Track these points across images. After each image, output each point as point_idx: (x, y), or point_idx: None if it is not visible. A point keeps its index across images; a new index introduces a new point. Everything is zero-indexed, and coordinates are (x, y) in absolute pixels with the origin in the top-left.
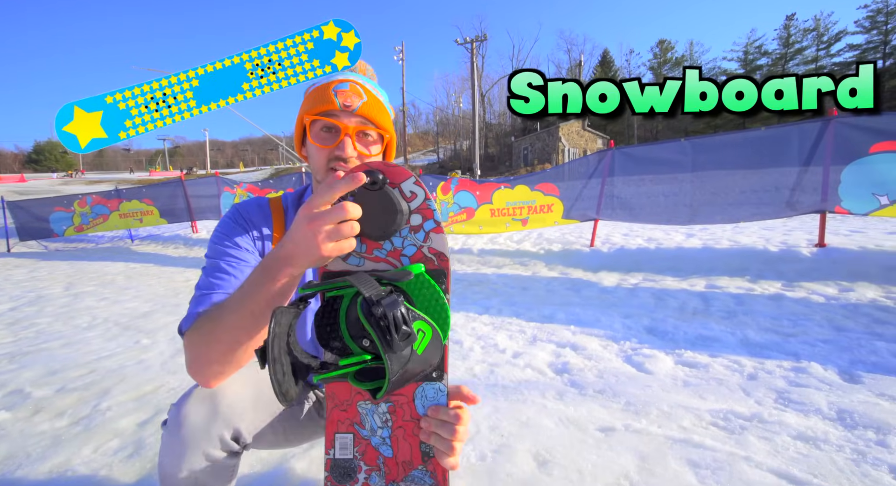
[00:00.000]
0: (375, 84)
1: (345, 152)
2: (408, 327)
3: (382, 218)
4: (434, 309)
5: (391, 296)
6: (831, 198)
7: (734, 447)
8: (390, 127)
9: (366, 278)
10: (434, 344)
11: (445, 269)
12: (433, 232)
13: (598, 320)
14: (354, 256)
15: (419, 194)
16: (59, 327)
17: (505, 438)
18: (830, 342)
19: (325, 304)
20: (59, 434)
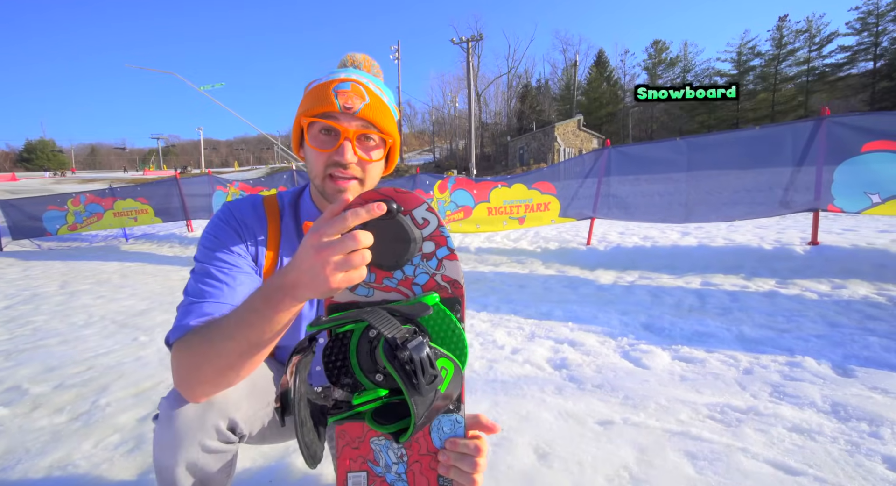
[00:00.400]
0: (380, 83)
1: (344, 157)
2: (434, 368)
3: (394, 247)
4: (451, 340)
5: (416, 338)
6: (824, 196)
7: (731, 439)
8: (394, 130)
9: (383, 316)
10: (456, 379)
11: (460, 297)
12: (447, 259)
13: (595, 317)
14: (363, 286)
15: (432, 221)
16: (55, 324)
17: (505, 431)
18: (824, 337)
19: (334, 339)
20: (58, 430)
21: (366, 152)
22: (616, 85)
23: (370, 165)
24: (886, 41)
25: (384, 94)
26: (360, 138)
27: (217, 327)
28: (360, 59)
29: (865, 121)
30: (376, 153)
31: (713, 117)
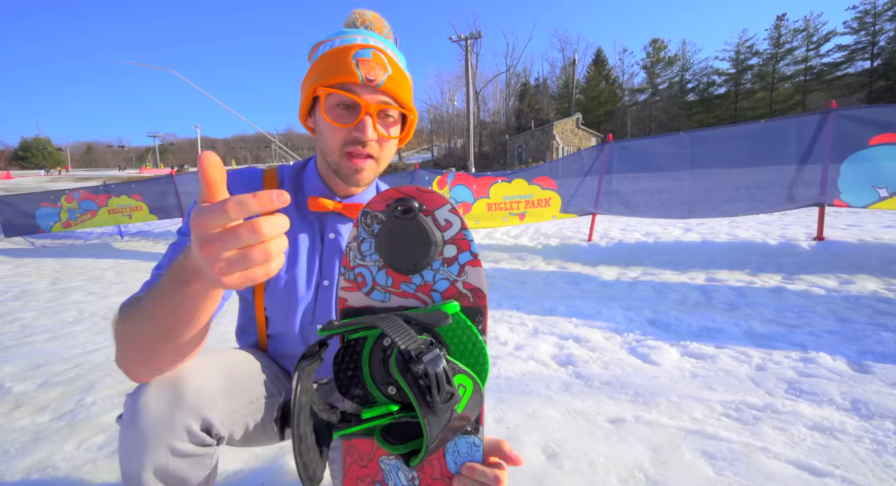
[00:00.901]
0: (394, 47)
1: (364, 134)
2: (450, 385)
3: (413, 249)
4: (471, 354)
5: (432, 350)
6: (830, 191)
7: (749, 437)
8: (411, 102)
9: (398, 325)
10: (475, 399)
11: (482, 307)
12: (469, 265)
13: (599, 313)
14: (379, 290)
15: (455, 223)
16: (44, 321)
17: (511, 430)
18: (836, 333)
19: (346, 346)
20: (40, 430)
21: (385, 129)
22: (614, 84)
23: (388, 142)
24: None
25: (401, 61)
26: (380, 114)
27: (137, 306)
28: (370, 18)
29: (873, 113)
30: (395, 130)
31: (711, 116)
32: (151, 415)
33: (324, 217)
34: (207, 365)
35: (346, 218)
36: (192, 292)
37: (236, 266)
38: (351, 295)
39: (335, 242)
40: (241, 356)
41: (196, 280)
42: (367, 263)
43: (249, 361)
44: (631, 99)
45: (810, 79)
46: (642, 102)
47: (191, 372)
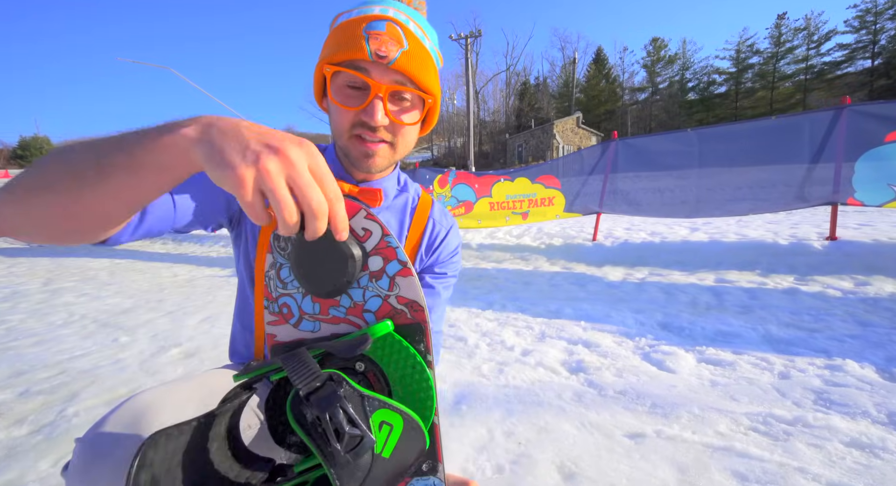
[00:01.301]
0: (422, 20)
1: (373, 119)
2: (357, 427)
3: (330, 268)
4: (411, 379)
5: (327, 387)
6: (844, 189)
7: (783, 456)
8: (435, 85)
9: (299, 360)
10: (410, 436)
11: (422, 322)
12: (400, 276)
13: (608, 316)
14: (308, 319)
15: (374, 230)
16: (31, 324)
17: (523, 446)
18: (859, 338)
19: (275, 389)
20: (15, 445)
21: (399, 113)
22: (615, 83)
23: (403, 128)
24: (884, 39)
25: (426, 36)
26: (394, 96)
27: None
28: None
29: (889, 109)
30: (411, 115)
31: (711, 115)
32: (106, 468)
33: None
34: (179, 399)
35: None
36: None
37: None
38: (279, 329)
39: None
40: (223, 381)
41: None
42: (289, 290)
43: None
44: (631, 98)
45: (811, 78)
46: (643, 101)
47: (156, 411)
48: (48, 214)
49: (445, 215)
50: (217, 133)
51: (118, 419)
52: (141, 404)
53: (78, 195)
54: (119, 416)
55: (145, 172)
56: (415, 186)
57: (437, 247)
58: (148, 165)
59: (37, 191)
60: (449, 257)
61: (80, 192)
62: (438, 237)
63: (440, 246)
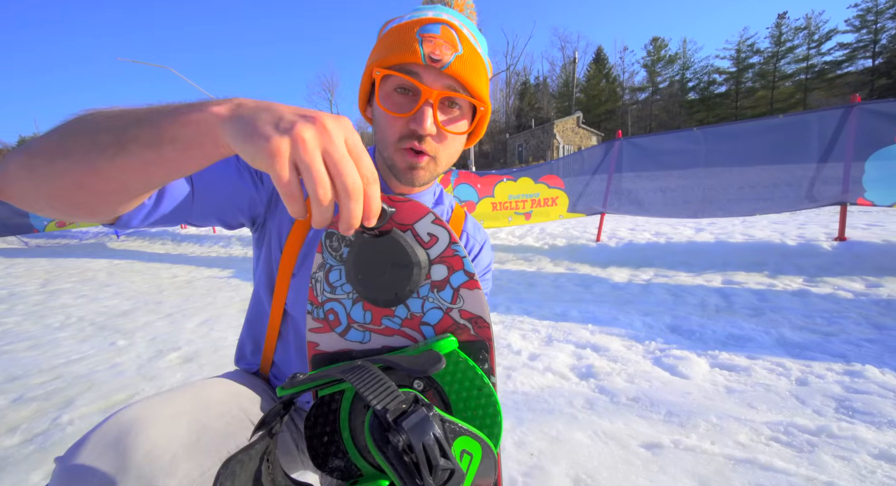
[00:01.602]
0: (474, 28)
1: (422, 127)
2: (449, 459)
3: (392, 275)
4: (478, 404)
5: (417, 411)
6: (853, 189)
7: (809, 469)
8: (486, 94)
9: (371, 374)
10: (486, 465)
11: (486, 340)
12: (465, 288)
13: (615, 319)
14: (357, 329)
15: (441, 237)
16: (28, 326)
17: (536, 457)
18: (876, 342)
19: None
20: (6, 455)
21: (448, 122)
22: (615, 82)
23: (449, 138)
24: (885, 39)
25: (478, 43)
26: (444, 102)
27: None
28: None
29: None
30: (460, 125)
31: (712, 115)
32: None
33: None
34: (170, 413)
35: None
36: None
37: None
38: (322, 337)
39: None
40: (219, 392)
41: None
42: (338, 295)
43: (232, 396)
44: (631, 98)
45: (811, 77)
46: (643, 101)
47: (144, 427)
48: (61, 182)
49: (479, 230)
50: (248, 109)
51: (100, 438)
52: (126, 420)
53: (95, 166)
54: (101, 434)
55: (168, 148)
56: (449, 198)
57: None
58: (172, 140)
59: (52, 156)
60: (482, 274)
61: (97, 162)
62: (472, 252)
63: (474, 262)
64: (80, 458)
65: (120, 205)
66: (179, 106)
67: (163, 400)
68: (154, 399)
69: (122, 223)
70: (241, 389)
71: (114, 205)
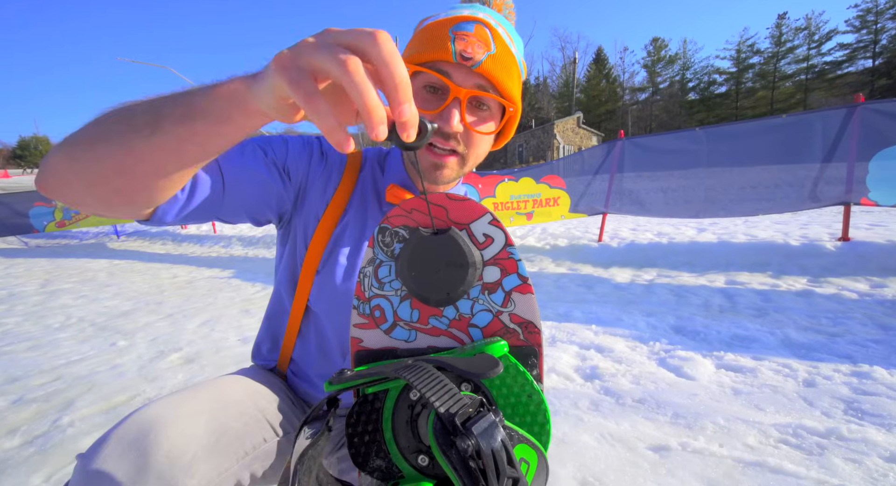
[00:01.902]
0: (511, 28)
1: (448, 124)
2: (514, 468)
3: (446, 274)
4: (527, 412)
5: (485, 415)
6: (857, 189)
7: (820, 472)
8: (518, 95)
9: (433, 376)
10: (541, 475)
11: (536, 346)
12: (517, 291)
13: (619, 319)
14: (403, 327)
15: (497, 238)
16: (28, 327)
17: None
18: (883, 343)
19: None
20: (6, 457)
21: (476, 123)
22: (615, 83)
23: (476, 138)
24: (885, 39)
25: (514, 43)
26: (473, 102)
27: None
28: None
29: None
30: (488, 126)
31: (712, 115)
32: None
33: None
34: (189, 413)
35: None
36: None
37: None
38: (367, 334)
39: None
40: (237, 391)
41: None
42: (386, 292)
43: (249, 395)
44: (632, 98)
45: (812, 77)
46: (643, 101)
47: (164, 426)
48: (101, 167)
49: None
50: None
51: (120, 436)
52: (146, 418)
53: (132, 146)
54: (122, 433)
55: (200, 123)
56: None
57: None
58: (203, 114)
59: (93, 142)
60: None
61: (134, 142)
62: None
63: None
64: (101, 457)
65: (156, 190)
66: (208, 84)
67: (182, 399)
68: (173, 398)
69: (158, 218)
70: (258, 387)
71: (151, 190)
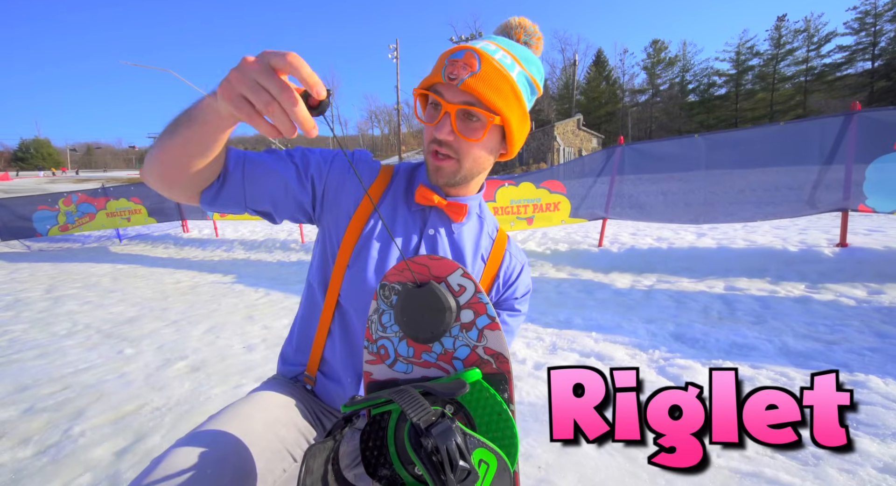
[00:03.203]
0: (522, 51)
1: (440, 133)
2: (466, 461)
3: (430, 318)
4: (497, 427)
5: (443, 422)
6: (854, 196)
7: (815, 482)
8: (506, 106)
9: (411, 396)
10: (501, 477)
11: (506, 372)
12: (488, 329)
13: (619, 326)
14: (402, 361)
15: (468, 287)
16: (35, 334)
17: (544, 471)
18: (879, 351)
19: (371, 422)
20: (20, 467)
21: (466, 131)
22: (615, 84)
23: (467, 144)
24: (884, 41)
25: (520, 65)
26: (462, 114)
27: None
28: (513, 25)
29: None
30: (477, 131)
31: (712, 117)
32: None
33: (428, 212)
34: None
35: (448, 218)
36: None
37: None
38: (375, 368)
39: (433, 238)
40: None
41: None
42: (388, 334)
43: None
44: (632, 100)
45: (811, 79)
46: (643, 103)
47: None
48: (164, 156)
49: (520, 252)
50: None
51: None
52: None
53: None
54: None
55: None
56: (492, 221)
57: (513, 282)
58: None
59: (158, 142)
60: (524, 293)
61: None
62: (514, 272)
63: (516, 281)
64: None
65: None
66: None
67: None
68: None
69: (206, 201)
70: (278, 414)
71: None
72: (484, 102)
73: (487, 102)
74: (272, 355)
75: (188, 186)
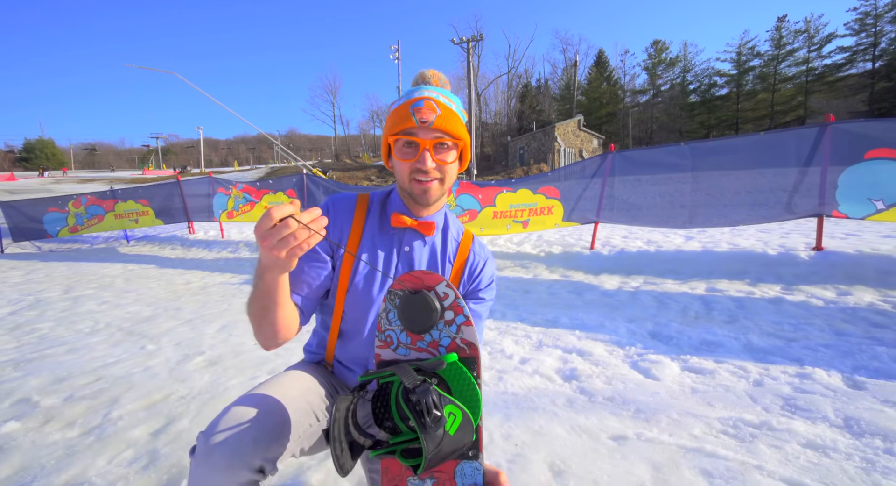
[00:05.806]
0: (448, 92)
1: (424, 164)
2: (438, 411)
3: (422, 316)
4: (466, 393)
5: (424, 384)
6: (829, 202)
7: (746, 455)
8: (463, 133)
9: (406, 369)
10: (465, 426)
11: (476, 357)
12: (464, 325)
13: (602, 325)
14: (402, 347)
15: (450, 294)
16: (61, 331)
17: (519, 447)
18: (832, 347)
19: (380, 388)
20: (71, 445)
21: (442, 157)
22: (616, 85)
23: (446, 166)
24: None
25: (452, 102)
26: (437, 146)
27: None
28: (429, 76)
29: (870, 128)
30: (450, 155)
31: (713, 117)
32: (221, 455)
33: (402, 233)
34: (265, 411)
35: (420, 234)
36: (266, 279)
37: (280, 247)
38: (383, 351)
39: (409, 254)
40: (293, 391)
41: (267, 271)
42: (393, 327)
43: (302, 393)
44: (632, 100)
45: (812, 80)
46: (644, 104)
47: (256, 416)
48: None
49: (483, 248)
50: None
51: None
52: (241, 413)
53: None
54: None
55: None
56: (457, 224)
57: (478, 275)
58: (257, 282)
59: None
60: (487, 284)
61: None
62: (478, 267)
63: (480, 274)
64: (216, 434)
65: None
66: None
67: (261, 398)
68: (254, 397)
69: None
70: (308, 385)
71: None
72: (451, 134)
73: (453, 134)
74: (283, 350)
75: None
